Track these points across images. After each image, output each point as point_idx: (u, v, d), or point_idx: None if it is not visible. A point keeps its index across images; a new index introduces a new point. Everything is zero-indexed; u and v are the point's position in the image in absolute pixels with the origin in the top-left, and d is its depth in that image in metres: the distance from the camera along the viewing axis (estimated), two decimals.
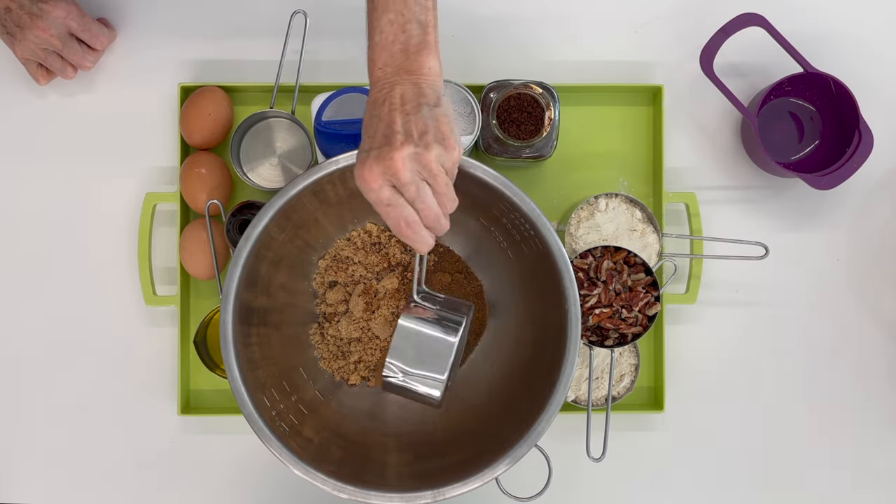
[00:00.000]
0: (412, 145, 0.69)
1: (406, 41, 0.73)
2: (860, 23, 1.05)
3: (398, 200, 0.71)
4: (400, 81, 0.72)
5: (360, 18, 0.98)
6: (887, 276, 1.05)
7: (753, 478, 1.03)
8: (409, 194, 0.71)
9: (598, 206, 0.99)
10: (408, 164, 0.69)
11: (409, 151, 0.69)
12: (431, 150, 0.70)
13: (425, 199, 0.71)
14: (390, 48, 0.73)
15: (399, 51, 0.73)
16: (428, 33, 0.73)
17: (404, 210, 0.71)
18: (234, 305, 0.83)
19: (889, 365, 1.04)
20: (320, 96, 0.95)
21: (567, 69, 1.03)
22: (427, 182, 0.71)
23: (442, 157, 0.70)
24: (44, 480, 1.02)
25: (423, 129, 0.70)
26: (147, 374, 1.01)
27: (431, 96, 0.72)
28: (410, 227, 0.72)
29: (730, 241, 0.98)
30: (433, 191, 0.72)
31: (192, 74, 1.03)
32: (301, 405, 0.90)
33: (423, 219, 0.72)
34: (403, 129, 0.70)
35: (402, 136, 0.70)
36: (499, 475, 0.82)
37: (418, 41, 0.72)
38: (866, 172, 1.01)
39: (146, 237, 0.98)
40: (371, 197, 0.71)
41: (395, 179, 0.70)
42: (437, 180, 0.71)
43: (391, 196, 0.71)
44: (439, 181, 0.71)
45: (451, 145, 0.71)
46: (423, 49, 0.72)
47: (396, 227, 0.72)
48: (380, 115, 0.72)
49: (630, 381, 1.00)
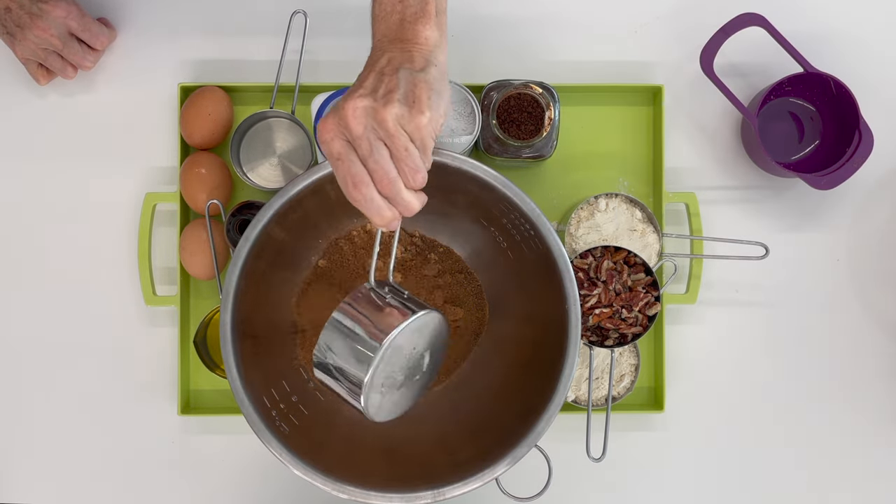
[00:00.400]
0: (370, 99, 0.66)
1: (403, 11, 0.71)
2: (860, 23, 1.05)
3: (349, 156, 0.67)
4: (391, 49, 0.70)
5: (361, 18, 0.98)
6: (887, 276, 1.05)
7: (753, 478, 1.03)
8: (362, 150, 0.66)
9: (598, 206, 0.99)
10: (359, 115, 0.65)
11: (364, 104, 0.66)
12: (390, 106, 0.65)
13: (379, 160, 0.66)
14: (388, 19, 0.71)
15: (396, 21, 0.71)
16: (427, 3, 0.71)
17: (353, 167, 0.67)
18: (234, 305, 0.83)
19: (889, 365, 1.04)
20: (320, 96, 0.95)
21: (567, 69, 1.03)
22: (385, 143, 0.66)
23: (403, 118, 0.66)
24: (44, 480, 1.02)
25: (391, 88, 0.66)
26: (147, 374, 1.01)
27: (419, 62, 0.69)
28: (357, 188, 0.67)
29: (730, 241, 0.98)
30: (391, 154, 0.66)
31: (192, 74, 1.03)
32: (301, 405, 0.90)
33: (376, 182, 0.67)
34: (369, 85, 0.67)
35: (364, 90, 0.66)
36: (499, 475, 0.82)
37: (415, 10, 0.70)
38: (866, 172, 1.01)
39: (146, 237, 0.98)
40: (324, 150, 0.68)
41: (347, 132, 0.66)
42: (393, 141, 0.66)
43: (341, 149, 0.67)
44: (396, 143, 0.66)
45: (420, 109, 0.66)
46: (421, 18, 0.70)
47: (344, 186, 0.68)
48: (362, 77, 0.69)
49: (630, 381, 1.00)
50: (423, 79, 0.67)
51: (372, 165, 0.66)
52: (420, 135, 0.67)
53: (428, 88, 0.67)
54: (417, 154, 0.67)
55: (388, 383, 0.74)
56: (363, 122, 0.66)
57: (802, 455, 1.03)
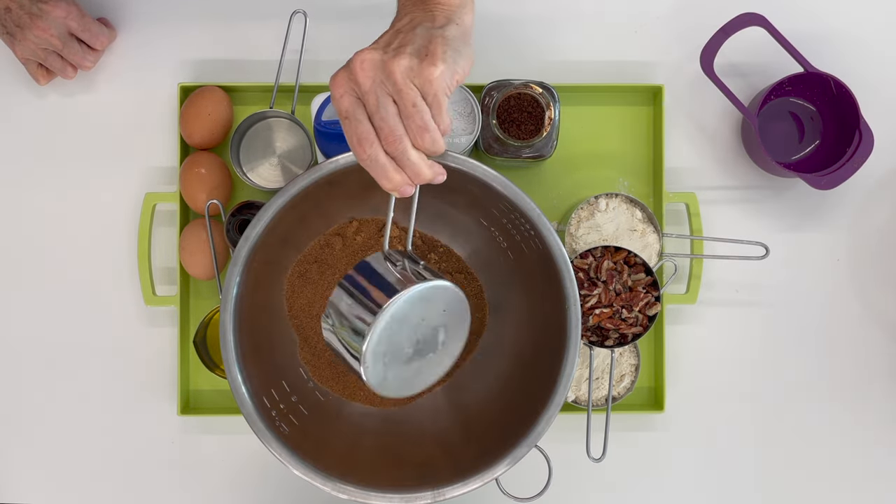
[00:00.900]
0: (380, 51, 0.62)
1: None
2: (860, 23, 1.05)
3: (357, 113, 0.63)
4: (413, 10, 0.66)
5: (361, 18, 0.98)
6: (887, 276, 1.05)
7: (753, 478, 1.03)
8: (369, 106, 0.62)
9: (599, 206, 0.99)
10: (367, 67, 0.62)
11: (373, 56, 0.62)
12: (400, 58, 0.61)
13: (385, 117, 0.62)
14: None
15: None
16: None
17: (360, 125, 0.63)
18: (234, 305, 0.83)
19: (889, 365, 1.04)
20: (320, 96, 0.95)
21: (567, 69, 1.03)
22: (393, 99, 0.62)
23: (412, 71, 0.62)
24: (44, 480, 1.02)
25: (405, 42, 0.63)
26: (147, 374, 1.01)
27: (440, 20, 0.65)
28: (361, 146, 0.63)
29: (730, 241, 0.98)
30: (399, 111, 0.63)
31: (192, 74, 1.03)
32: (301, 405, 0.90)
33: (382, 140, 0.63)
34: (383, 41, 0.63)
35: (377, 45, 0.63)
36: (499, 475, 0.82)
37: None
38: (866, 172, 1.01)
39: (146, 237, 0.98)
40: (336, 107, 0.64)
41: (356, 85, 0.62)
42: (401, 96, 0.62)
43: (349, 106, 0.63)
44: (404, 97, 0.62)
45: (433, 61, 0.62)
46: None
47: (351, 146, 0.64)
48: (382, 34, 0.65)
49: (630, 381, 1.00)
50: (440, 34, 0.64)
51: (378, 122, 0.63)
52: (431, 89, 0.62)
53: (444, 43, 0.63)
54: (427, 111, 0.63)
55: (392, 354, 0.71)
56: (371, 74, 0.62)
57: (802, 455, 1.03)
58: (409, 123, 0.63)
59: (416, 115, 0.62)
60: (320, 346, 0.94)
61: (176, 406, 1.00)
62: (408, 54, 0.62)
